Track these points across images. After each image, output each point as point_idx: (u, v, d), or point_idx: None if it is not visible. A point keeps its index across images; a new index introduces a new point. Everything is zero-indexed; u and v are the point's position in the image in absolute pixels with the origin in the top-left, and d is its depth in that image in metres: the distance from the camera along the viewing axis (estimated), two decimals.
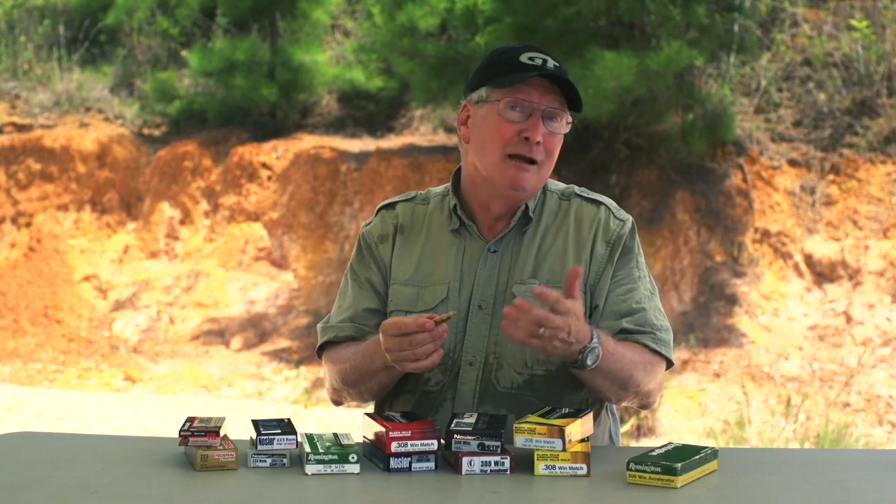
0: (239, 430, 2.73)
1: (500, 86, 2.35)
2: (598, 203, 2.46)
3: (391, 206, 2.54)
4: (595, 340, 2.23)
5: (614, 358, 2.28)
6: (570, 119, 2.39)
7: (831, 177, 10.09)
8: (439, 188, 2.55)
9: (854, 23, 10.64)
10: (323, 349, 2.53)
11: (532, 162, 2.35)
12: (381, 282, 2.48)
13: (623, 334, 2.37)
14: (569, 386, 2.38)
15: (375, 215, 2.55)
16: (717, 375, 8.73)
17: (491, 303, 2.39)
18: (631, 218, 2.47)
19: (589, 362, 2.23)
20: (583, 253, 2.40)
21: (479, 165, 2.40)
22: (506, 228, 2.42)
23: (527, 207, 2.42)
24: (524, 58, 2.35)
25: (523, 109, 2.34)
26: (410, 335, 2.19)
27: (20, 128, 12.79)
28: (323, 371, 2.57)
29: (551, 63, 2.35)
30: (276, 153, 11.87)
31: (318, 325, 2.55)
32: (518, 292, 2.36)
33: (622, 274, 2.41)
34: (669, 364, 2.43)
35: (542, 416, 2.16)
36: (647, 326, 2.39)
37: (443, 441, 2.13)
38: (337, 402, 2.55)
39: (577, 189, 2.49)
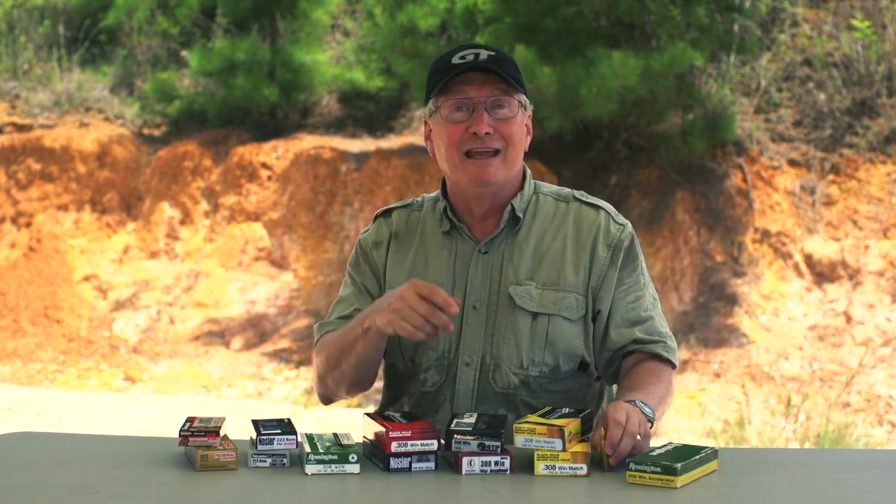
0: (239, 430, 2.73)
1: (439, 93, 2.38)
2: (597, 207, 2.48)
3: (388, 213, 2.57)
4: (652, 418, 2.22)
5: (659, 410, 2.30)
6: (523, 101, 2.40)
7: (831, 177, 10.09)
8: (433, 193, 2.57)
9: (855, 23, 10.64)
10: None
11: (492, 153, 2.36)
12: (375, 287, 2.50)
13: (636, 345, 2.40)
14: (564, 386, 2.41)
15: (373, 222, 2.58)
16: (717, 375, 8.73)
17: (485, 304, 2.41)
18: (629, 223, 2.49)
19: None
20: (582, 256, 2.42)
21: (447, 173, 2.44)
22: (495, 230, 2.43)
23: (513, 208, 2.43)
24: (456, 58, 2.38)
25: (466, 108, 2.36)
26: (432, 307, 2.18)
27: (20, 128, 12.79)
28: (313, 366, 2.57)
29: (484, 54, 2.36)
30: (276, 153, 11.87)
31: (315, 326, 2.56)
32: (514, 293, 2.39)
33: (630, 281, 2.43)
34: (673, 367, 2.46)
35: (541, 416, 2.16)
36: (656, 335, 2.42)
37: (443, 441, 2.14)
38: (323, 397, 2.52)
39: (575, 193, 2.51)
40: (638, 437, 2.13)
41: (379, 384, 2.61)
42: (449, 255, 2.45)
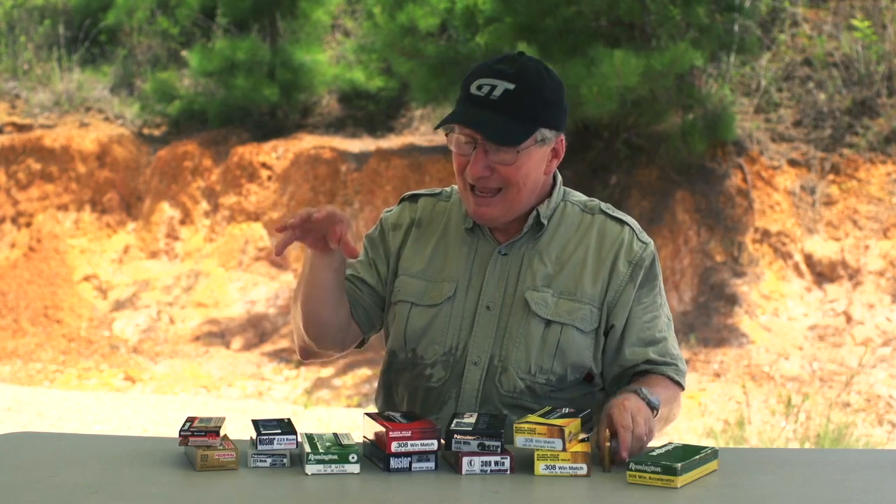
0: (239, 430, 2.73)
1: (451, 117, 2.35)
2: (622, 223, 2.46)
3: (414, 198, 2.56)
4: (657, 407, 2.26)
5: (664, 409, 2.32)
6: (540, 136, 2.34)
7: (831, 177, 10.09)
8: None
9: (855, 23, 10.64)
10: None
11: (493, 192, 2.35)
12: (384, 266, 2.51)
13: (648, 364, 2.41)
14: (568, 395, 2.41)
15: (398, 204, 2.57)
16: (717, 375, 8.73)
17: (499, 305, 2.41)
18: (652, 242, 2.48)
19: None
20: (602, 269, 2.41)
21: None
22: (518, 234, 2.43)
23: (538, 213, 2.42)
24: (474, 87, 2.33)
25: (470, 142, 2.33)
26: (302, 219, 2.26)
27: (20, 128, 12.79)
28: None
29: (500, 88, 2.30)
30: (276, 153, 11.87)
31: None
32: (530, 299, 2.38)
33: (647, 301, 2.43)
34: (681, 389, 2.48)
35: (542, 415, 2.16)
36: (668, 357, 2.42)
37: (443, 441, 2.14)
38: (302, 350, 2.53)
39: (602, 205, 2.49)
40: (644, 437, 2.14)
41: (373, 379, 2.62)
42: (469, 252, 2.45)
